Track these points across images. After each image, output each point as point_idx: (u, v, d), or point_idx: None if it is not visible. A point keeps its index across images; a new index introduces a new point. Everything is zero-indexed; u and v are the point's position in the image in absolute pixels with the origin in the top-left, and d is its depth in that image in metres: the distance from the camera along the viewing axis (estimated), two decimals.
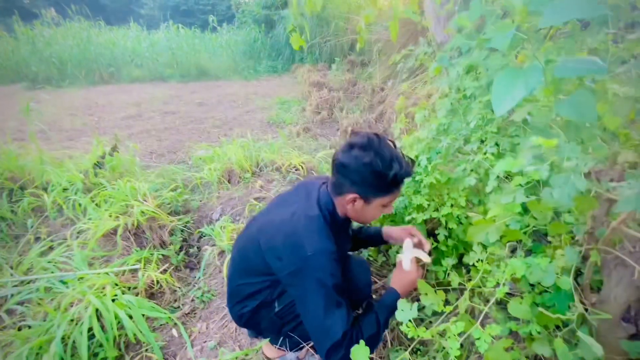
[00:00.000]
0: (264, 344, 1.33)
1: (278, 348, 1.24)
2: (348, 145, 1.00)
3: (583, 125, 0.80)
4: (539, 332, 0.88)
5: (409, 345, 1.34)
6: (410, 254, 1.16)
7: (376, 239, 1.38)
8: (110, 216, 1.96)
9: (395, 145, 1.02)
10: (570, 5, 0.52)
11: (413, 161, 1.06)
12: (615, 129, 0.80)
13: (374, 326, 1.02)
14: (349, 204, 1.05)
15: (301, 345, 1.19)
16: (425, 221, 1.45)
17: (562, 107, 0.70)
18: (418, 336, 0.81)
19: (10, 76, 7.66)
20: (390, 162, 0.96)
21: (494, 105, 0.66)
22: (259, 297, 1.14)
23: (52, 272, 1.69)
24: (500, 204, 0.80)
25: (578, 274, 1.04)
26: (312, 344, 1.18)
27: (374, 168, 0.96)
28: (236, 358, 1.36)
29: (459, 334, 0.77)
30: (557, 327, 0.98)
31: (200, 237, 2.19)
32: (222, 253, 1.94)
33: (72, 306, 1.47)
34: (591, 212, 0.83)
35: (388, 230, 1.35)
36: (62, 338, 1.34)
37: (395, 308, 0.92)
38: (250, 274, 1.14)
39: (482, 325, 0.83)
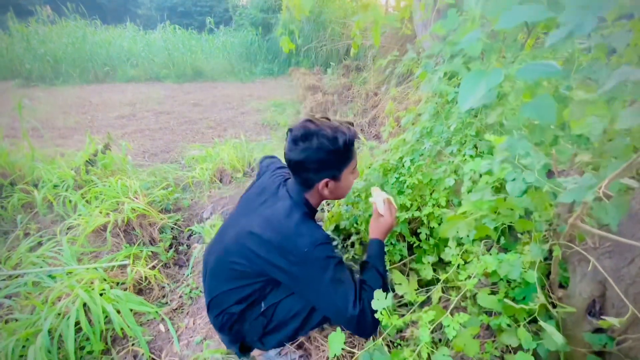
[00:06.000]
0: None
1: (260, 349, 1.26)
2: (292, 142, 1.04)
3: (547, 127, 0.85)
4: (508, 325, 0.93)
5: (391, 342, 1.38)
6: (381, 196, 1.23)
7: None
8: (100, 213, 1.98)
9: (329, 119, 1.07)
10: (521, 11, 0.58)
11: (351, 123, 1.11)
12: (580, 132, 0.86)
13: (378, 279, 1.07)
14: (324, 190, 1.10)
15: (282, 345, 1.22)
16: (408, 220, 1.50)
17: (526, 109, 0.76)
18: (392, 324, 0.85)
19: (4, 73, 7.60)
20: (335, 135, 1.01)
21: (460, 101, 0.71)
22: (246, 301, 1.13)
23: (41, 267, 1.70)
24: (470, 201, 0.85)
25: (550, 272, 1.09)
26: (292, 343, 1.22)
27: (326, 149, 1.01)
28: (221, 352, 1.39)
29: (430, 322, 0.81)
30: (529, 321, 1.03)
31: (190, 235, 2.21)
32: None
33: (59, 300, 1.49)
34: (555, 209, 0.88)
35: None
36: (49, 331, 1.36)
37: (384, 252, 1.15)
38: (237, 278, 1.12)
39: (454, 316, 0.87)
